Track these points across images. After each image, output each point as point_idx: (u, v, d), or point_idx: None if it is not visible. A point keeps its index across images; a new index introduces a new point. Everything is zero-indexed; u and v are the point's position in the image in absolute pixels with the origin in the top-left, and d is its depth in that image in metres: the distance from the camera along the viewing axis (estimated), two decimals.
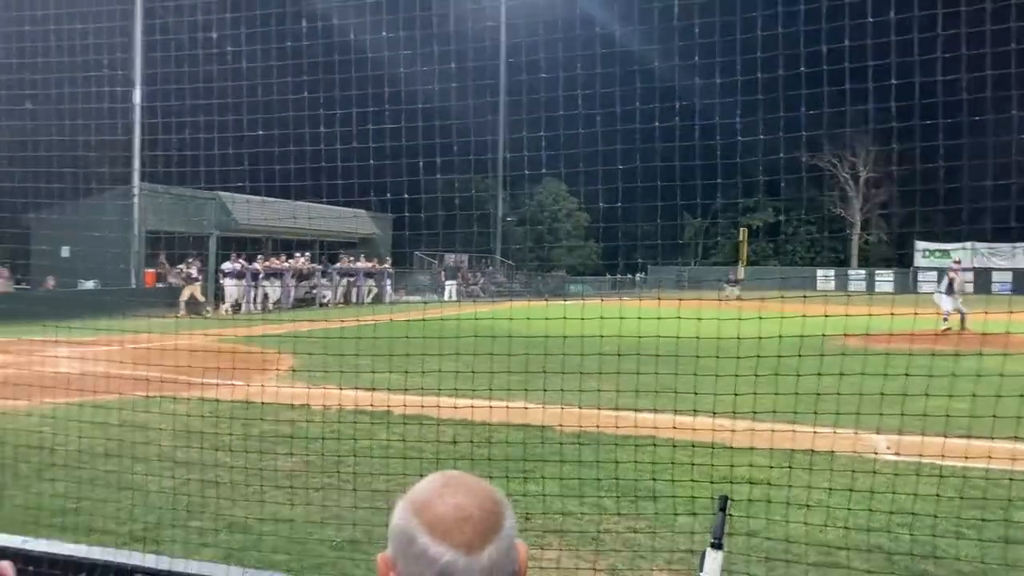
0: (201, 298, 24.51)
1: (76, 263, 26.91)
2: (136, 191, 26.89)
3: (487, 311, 27.10)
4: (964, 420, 5.16)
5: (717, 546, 1.89)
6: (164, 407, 7.97)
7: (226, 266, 27.03)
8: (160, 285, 27.94)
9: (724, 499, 2.03)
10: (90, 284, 26.24)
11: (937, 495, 4.12)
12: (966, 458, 4.70)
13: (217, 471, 5.86)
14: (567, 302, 29.85)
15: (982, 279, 43.27)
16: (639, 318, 6.61)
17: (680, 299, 8.36)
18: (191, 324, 19.00)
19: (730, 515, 2.00)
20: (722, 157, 6.16)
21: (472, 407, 7.58)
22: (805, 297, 5.50)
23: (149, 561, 3.11)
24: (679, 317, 5.82)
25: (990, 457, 4.62)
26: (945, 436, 4.99)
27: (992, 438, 4.60)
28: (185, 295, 24.21)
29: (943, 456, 4.51)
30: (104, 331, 13.62)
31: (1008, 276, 46.05)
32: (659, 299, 7.17)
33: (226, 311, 24.81)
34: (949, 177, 4.89)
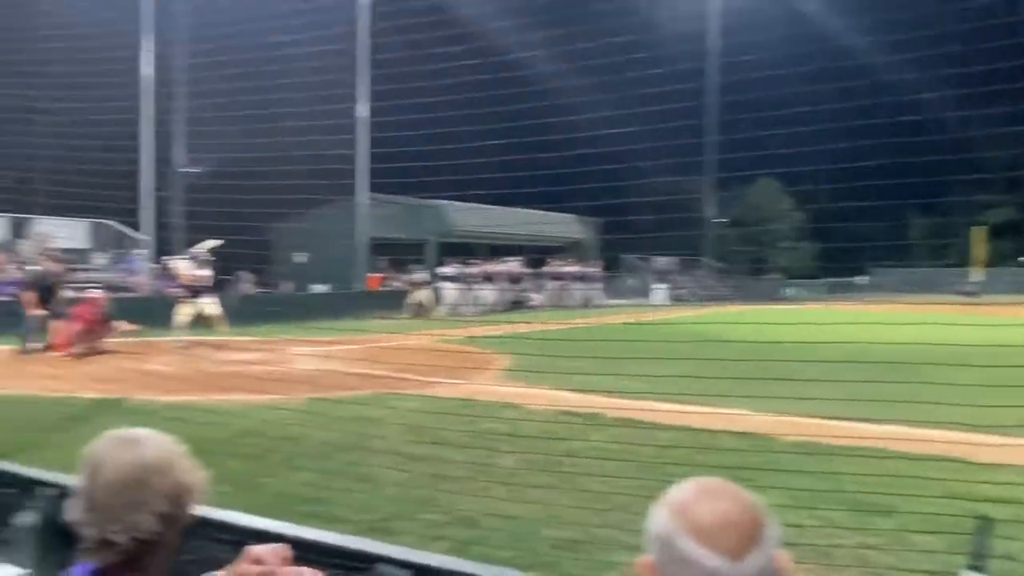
0: (428, 303, 25.74)
1: (309, 268, 29.07)
2: (362, 201, 28.64)
3: (697, 315, 26.62)
4: None
5: (976, 569, 1.77)
6: (394, 403, 8.47)
7: (443, 270, 28.23)
8: (383, 289, 29.58)
9: (984, 520, 1.90)
10: (321, 288, 28.19)
11: None
12: None
13: (444, 466, 6.14)
14: (784, 306, 28.75)
15: None
16: (862, 323, 6.29)
17: (909, 303, 7.86)
18: (414, 326, 19.98)
19: (991, 537, 1.87)
20: (954, 151, 5.71)
21: (687, 412, 7.49)
22: None
23: (392, 551, 3.33)
24: (909, 323, 5.47)
25: None
26: None
27: None
28: (413, 299, 25.51)
29: None
30: (339, 331, 14.62)
31: None
32: (885, 303, 6.79)
33: (443, 314, 25.87)
34: None
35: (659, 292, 37.93)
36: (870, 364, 7.77)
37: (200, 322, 14.54)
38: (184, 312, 14.53)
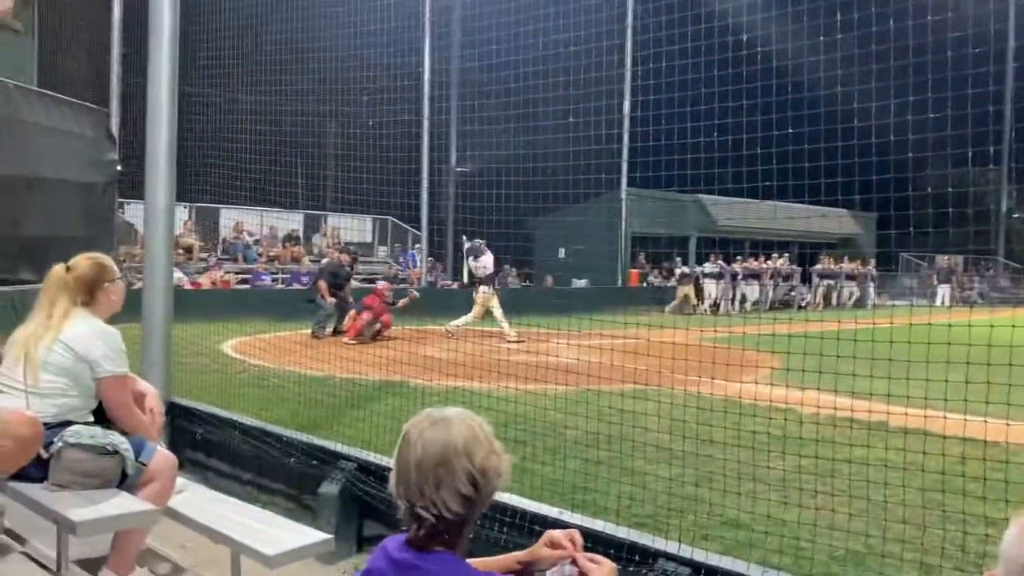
0: (694, 299, 25.49)
1: (570, 263, 29.66)
2: (624, 196, 28.76)
3: (988, 319, 24.21)
4: None
5: None
6: (658, 399, 8.42)
7: (706, 267, 27.75)
8: (643, 284, 29.56)
9: None
10: (582, 282, 28.67)
11: None
12: None
13: (711, 465, 6.03)
14: None
15: None
16: None
17: None
18: (678, 322, 19.80)
19: None
20: None
21: (985, 422, 6.83)
22: None
23: (670, 547, 3.34)
24: None
25: None
26: None
27: None
28: (680, 294, 25.38)
29: None
30: (604, 324, 14.76)
31: None
32: None
33: (705, 311, 25.47)
34: None
35: (942, 292, 34.97)
36: None
37: (487, 315, 15.42)
38: (481, 303, 15.46)
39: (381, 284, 16.03)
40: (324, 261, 18.63)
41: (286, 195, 25.37)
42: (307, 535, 3.57)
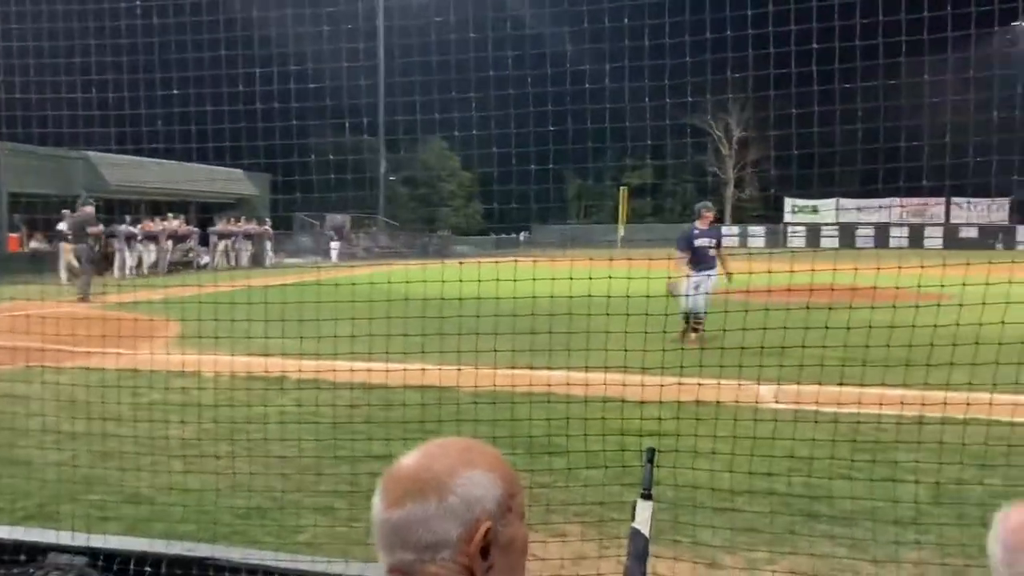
0: (75, 262, 23.31)
1: None
2: None
3: (373, 273, 26.76)
4: (836, 370, 5.49)
5: (647, 496, 1.96)
6: (45, 377, 7.61)
7: (95, 229, 25.82)
8: (24, 250, 26.49)
9: (652, 451, 2.12)
10: None
11: (833, 440, 4.38)
12: (858, 404, 4.97)
13: (109, 442, 5.67)
14: (454, 262, 29.84)
15: (847, 234, 46.05)
16: (533, 279, 6.66)
17: (564, 258, 8.47)
18: (65, 290, 18.11)
19: (657, 466, 2.09)
20: (602, 118, 6.16)
21: (369, 370, 7.52)
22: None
23: (63, 538, 3.02)
24: (564, 278, 5.90)
25: (859, 403, 4.89)
26: (820, 384, 5.21)
27: (863, 385, 4.97)
28: (67, 260, 22.95)
29: (837, 404, 4.79)
30: None
31: (871, 231, 48.65)
32: (545, 258, 7.22)
33: (101, 275, 23.74)
34: (810, 138, 4.98)
35: (334, 250, 37.72)
36: (537, 316, 8.33)
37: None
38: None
39: None
40: None
41: None
42: None
